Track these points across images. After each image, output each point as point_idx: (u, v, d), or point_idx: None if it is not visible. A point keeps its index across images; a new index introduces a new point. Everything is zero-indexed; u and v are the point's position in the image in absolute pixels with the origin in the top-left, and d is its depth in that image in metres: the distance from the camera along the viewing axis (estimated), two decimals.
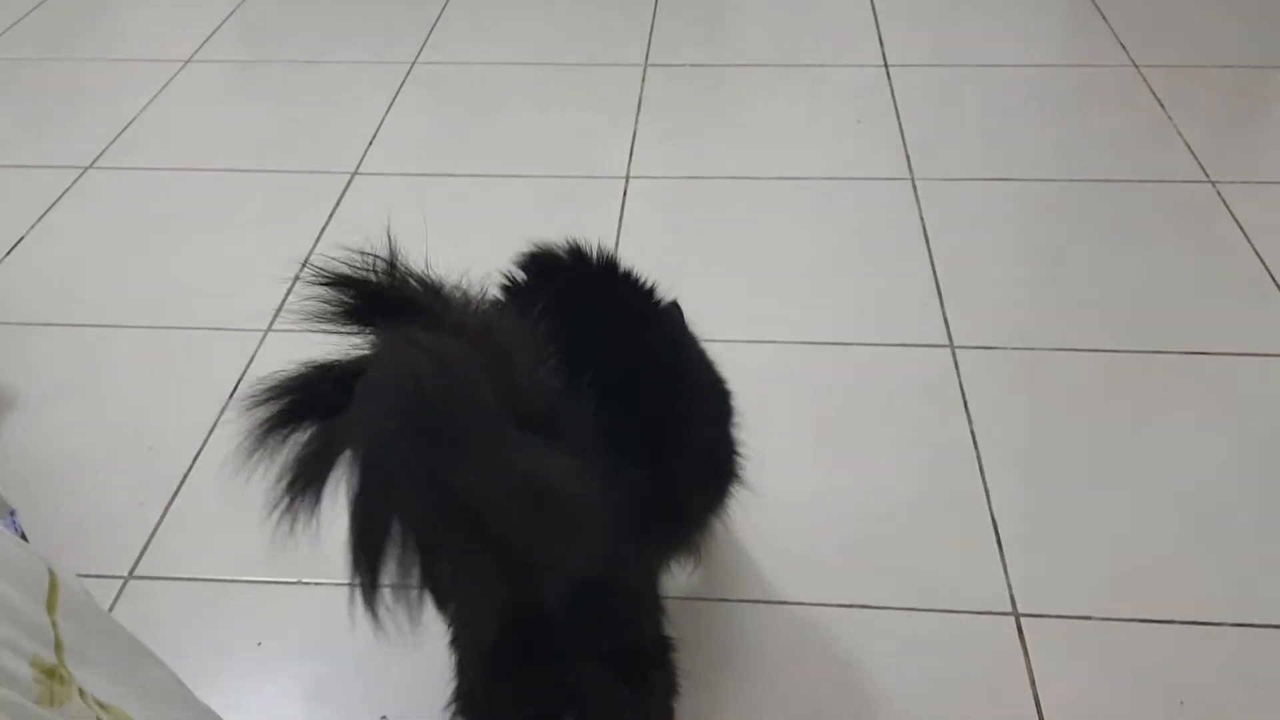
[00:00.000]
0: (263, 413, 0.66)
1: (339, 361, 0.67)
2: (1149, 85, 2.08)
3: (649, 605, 0.90)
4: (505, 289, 0.99)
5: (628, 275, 1.02)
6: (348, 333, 0.71)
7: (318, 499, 0.67)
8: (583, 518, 0.67)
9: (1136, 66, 2.15)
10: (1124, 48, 2.21)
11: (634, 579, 0.88)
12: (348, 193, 1.86)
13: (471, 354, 0.66)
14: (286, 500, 0.67)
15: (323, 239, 1.74)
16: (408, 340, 0.65)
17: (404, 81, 2.20)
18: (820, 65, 2.20)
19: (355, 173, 1.91)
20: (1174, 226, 1.72)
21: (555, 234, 1.75)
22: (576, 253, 1.01)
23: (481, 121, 2.05)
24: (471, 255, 1.61)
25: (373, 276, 0.73)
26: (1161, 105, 2.02)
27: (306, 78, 2.22)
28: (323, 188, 1.86)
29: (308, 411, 0.67)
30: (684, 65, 2.22)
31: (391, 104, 2.12)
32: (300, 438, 0.66)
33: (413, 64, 2.26)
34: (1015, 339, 1.51)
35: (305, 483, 0.67)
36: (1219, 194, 1.78)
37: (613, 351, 0.91)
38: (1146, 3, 2.39)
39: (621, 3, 2.48)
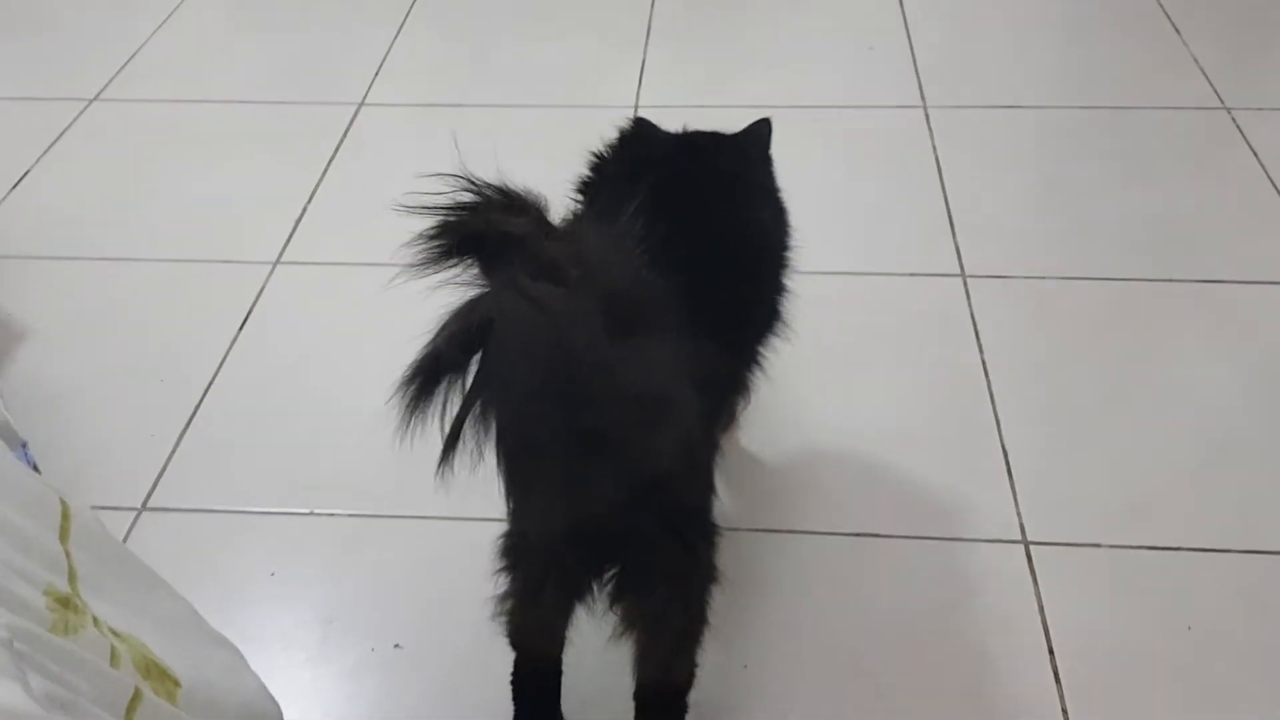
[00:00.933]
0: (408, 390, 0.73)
1: (463, 322, 0.72)
2: (1164, 9, 2.04)
3: (705, 476, 0.93)
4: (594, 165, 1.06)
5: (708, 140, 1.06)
6: (449, 268, 0.75)
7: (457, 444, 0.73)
8: (680, 415, 0.74)
9: None
10: None
11: (699, 447, 0.89)
12: (354, 124, 1.84)
13: (574, 299, 0.70)
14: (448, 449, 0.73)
15: (330, 170, 1.73)
16: (519, 292, 0.69)
17: (410, 10, 2.16)
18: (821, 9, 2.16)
19: (362, 103, 1.89)
20: (1189, 154, 1.70)
21: (566, 163, 1.74)
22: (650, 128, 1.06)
23: (489, 50, 2.03)
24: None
25: (467, 213, 0.76)
26: (1177, 30, 1.98)
27: (311, 8, 2.19)
28: (330, 119, 1.84)
29: (446, 369, 0.73)
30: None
31: (397, 34, 2.09)
32: (442, 398, 0.72)
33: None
34: (1026, 268, 1.50)
35: (451, 443, 0.73)
36: (1234, 120, 1.75)
37: (692, 229, 0.94)
38: None
39: None
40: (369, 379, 1.36)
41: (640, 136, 1.09)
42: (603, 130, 1.10)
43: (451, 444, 0.72)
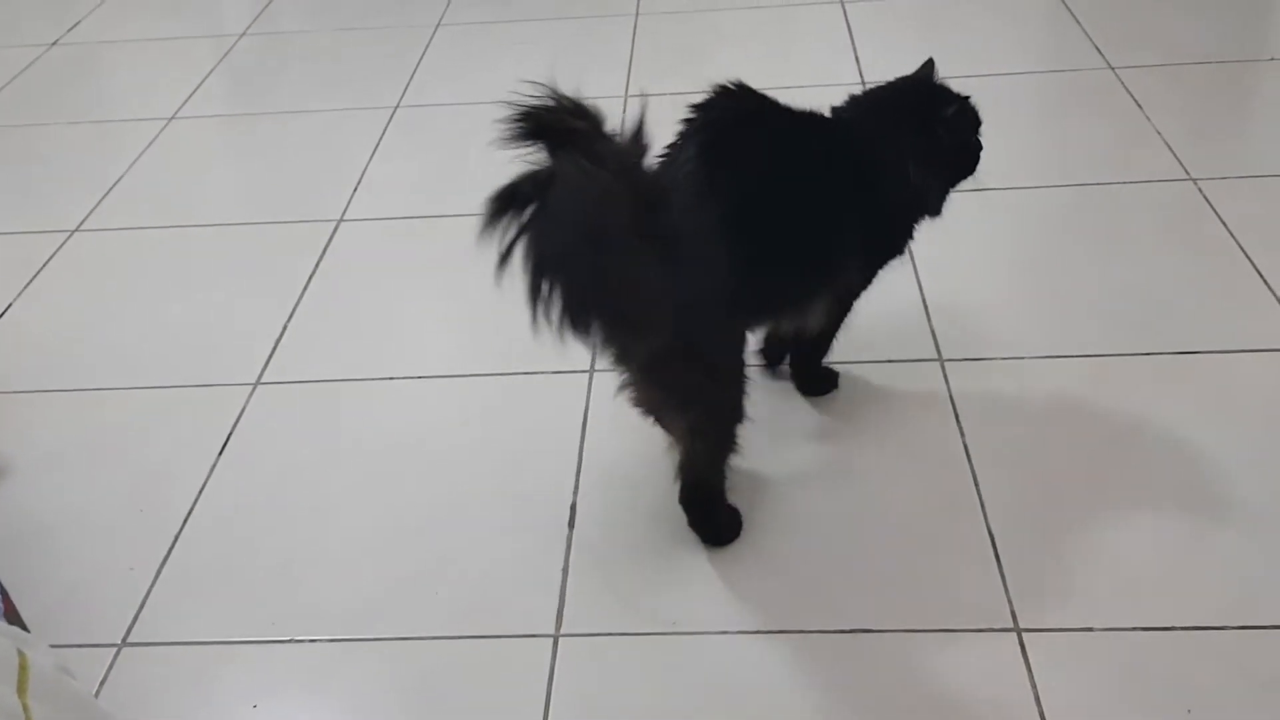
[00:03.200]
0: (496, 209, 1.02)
1: (534, 175, 1.00)
2: (1126, 87, 2.08)
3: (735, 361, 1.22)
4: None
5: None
6: (531, 149, 1.02)
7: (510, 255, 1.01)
8: (656, 305, 1.03)
9: (1113, 69, 2.14)
10: (1100, 51, 2.21)
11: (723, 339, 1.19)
12: (333, 240, 1.86)
13: (618, 185, 0.99)
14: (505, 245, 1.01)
15: (310, 288, 1.74)
16: (580, 169, 0.97)
17: (387, 126, 2.20)
18: (800, 87, 2.19)
19: (341, 220, 1.91)
20: (1159, 226, 1.71)
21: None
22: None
23: (464, 162, 2.06)
24: (459, 293, 1.61)
25: (545, 111, 1.02)
26: (1139, 106, 2.01)
27: (289, 128, 2.23)
28: (309, 237, 1.86)
29: (516, 200, 1.01)
30: (664, 94, 2.22)
31: (375, 149, 2.12)
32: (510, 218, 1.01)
33: (395, 108, 2.27)
34: (1004, 349, 1.50)
35: (507, 249, 1.01)
36: (1201, 191, 1.77)
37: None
38: (1118, 6, 2.40)
39: (601, 35, 2.49)
40: (348, 499, 1.36)
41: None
42: None
43: (504, 257, 1.01)
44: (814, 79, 2.20)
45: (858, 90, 1.34)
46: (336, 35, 2.64)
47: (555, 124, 1.02)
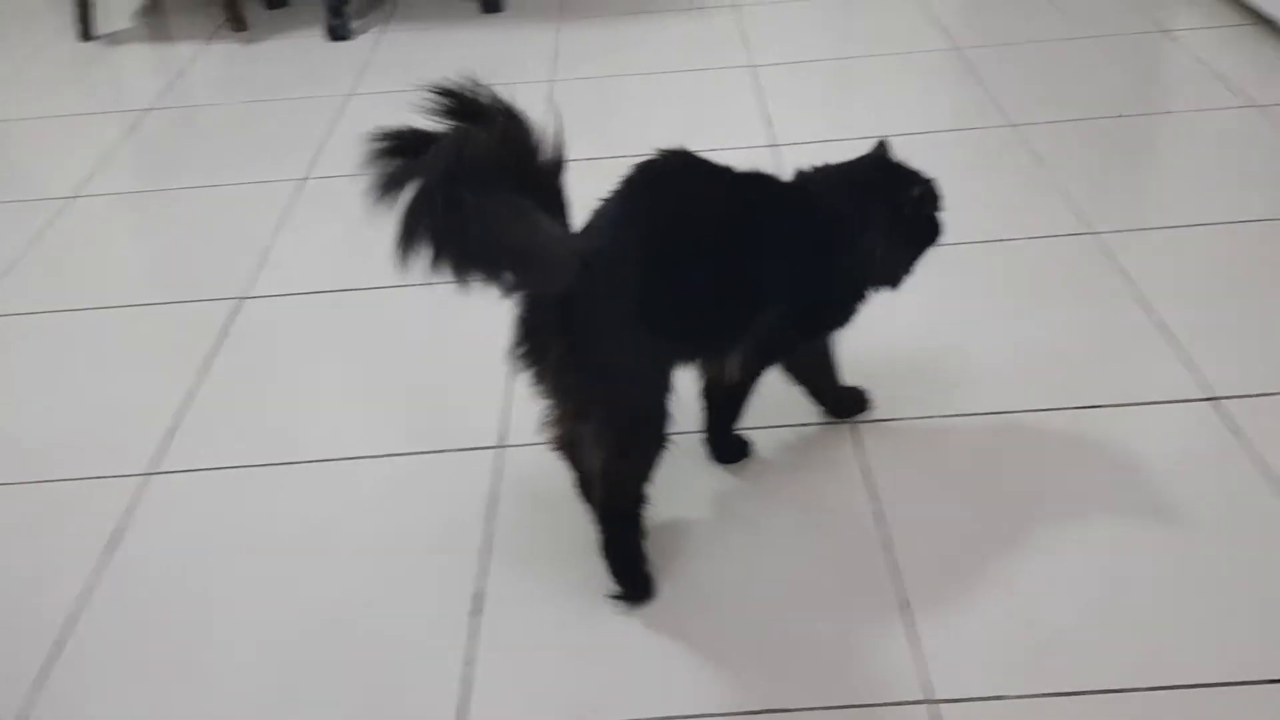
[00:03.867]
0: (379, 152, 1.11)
1: (428, 131, 1.10)
2: (1028, 144, 2.12)
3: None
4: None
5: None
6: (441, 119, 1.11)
7: (394, 201, 1.09)
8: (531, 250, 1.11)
9: (1014, 126, 2.19)
10: (1001, 109, 2.26)
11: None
12: (237, 318, 1.82)
13: (498, 146, 1.09)
14: (379, 191, 1.11)
15: (210, 369, 1.69)
16: (466, 131, 1.09)
17: (296, 198, 2.17)
18: (708, 150, 2.20)
19: (245, 297, 1.87)
20: (1063, 281, 1.74)
21: (454, 343, 1.73)
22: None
23: (374, 233, 2.02)
24: (366, 368, 1.57)
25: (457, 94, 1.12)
26: (1040, 161, 2.05)
27: (195, 204, 2.19)
28: (211, 316, 1.82)
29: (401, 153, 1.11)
30: (579, 160, 2.21)
31: (283, 222, 2.09)
32: (392, 167, 1.10)
33: (305, 180, 2.24)
34: (913, 408, 1.50)
35: (388, 188, 1.10)
36: (1102, 244, 1.80)
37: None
38: (1018, 66, 2.46)
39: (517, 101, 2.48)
40: (247, 597, 1.31)
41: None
42: (483, 302, 1.11)
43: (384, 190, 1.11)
44: (727, 141, 2.22)
45: (807, 164, 1.36)
46: (248, 108, 2.62)
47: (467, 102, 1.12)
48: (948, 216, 1.39)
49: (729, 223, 1.23)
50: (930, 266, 1.78)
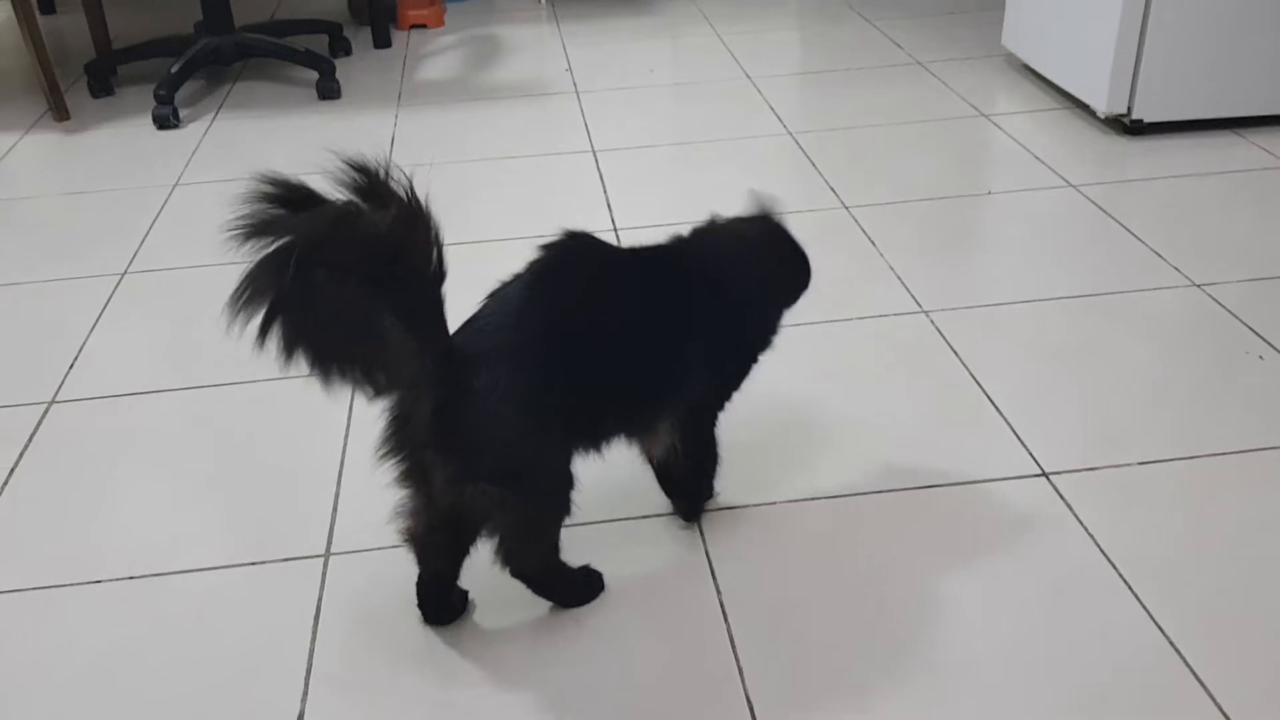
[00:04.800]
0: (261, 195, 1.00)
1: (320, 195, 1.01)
2: (860, 225, 2.16)
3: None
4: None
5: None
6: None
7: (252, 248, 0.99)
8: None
9: (847, 209, 2.23)
10: (834, 192, 2.31)
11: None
12: (43, 425, 1.70)
13: (384, 236, 1.02)
14: (242, 233, 0.99)
15: (9, 485, 1.57)
16: (357, 209, 1.02)
17: (113, 294, 2.06)
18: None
19: (52, 401, 1.76)
20: (896, 360, 1.76)
21: (277, 446, 1.65)
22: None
23: (198, 329, 1.94)
24: (183, 474, 1.47)
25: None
26: (872, 242, 2.09)
27: (2, 302, 2.06)
28: (13, 425, 1.70)
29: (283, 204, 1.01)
30: None
31: (97, 321, 1.98)
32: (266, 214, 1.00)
33: (123, 274, 2.14)
34: (755, 494, 1.48)
35: (252, 234, 0.99)
36: (933, 323, 1.84)
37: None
38: (847, 150, 2.52)
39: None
40: None
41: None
42: (317, 401, 1.07)
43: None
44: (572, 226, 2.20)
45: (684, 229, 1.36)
46: (67, 199, 2.49)
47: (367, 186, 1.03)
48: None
49: (644, 306, 1.22)
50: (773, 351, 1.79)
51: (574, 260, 1.23)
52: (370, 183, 1.03)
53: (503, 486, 1.15)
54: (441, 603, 1.30)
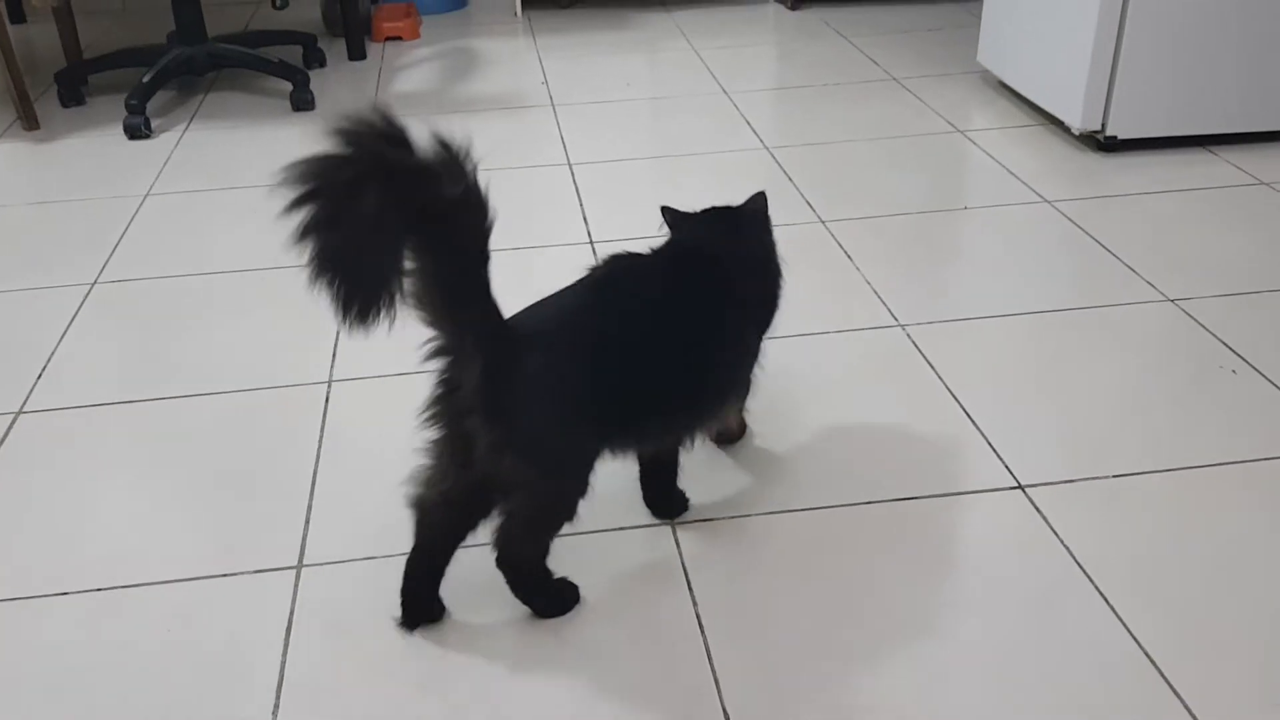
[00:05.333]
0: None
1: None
2: (836, 240, 2.17)
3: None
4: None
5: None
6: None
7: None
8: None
9: (824, 223, 2.24)
10: (811, 206, 2.31)
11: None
12: (8, 437, 1.67)
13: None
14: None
15: None
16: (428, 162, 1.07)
17: (82, 304, 2.04)
18: (534, 247, 2.18)
19: (19, 412, 1.73)
20: (873, 374, 1.76)
21: (254, 459, 1.63)
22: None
23: (170, 339, 1.92)
24: (152, 485, 1.45)
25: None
26: (849, 257, 2.10)
27: None
28: None
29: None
30: None
31: (66, 330, 1.95)
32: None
33: (93, 284, 2.11)
34: (731, 507, 1.48)
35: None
36: (909, 337, 1.84)
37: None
38: (824, 164, 2.53)
39: None
40: None
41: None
42: (290, 413, 1.04)
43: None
44: (548, 239, 2.20)
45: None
46: (37, 209, 2.47)
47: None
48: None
49: (682, 314, 1.29)
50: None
51: (629, 274, 1.31)
52: (449, 157, 1.08)
53: (535, 466, 1.19)
54: (424, 605, 1.30)
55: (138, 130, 2.81)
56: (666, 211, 1.44)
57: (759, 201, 1.46)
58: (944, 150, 2.61)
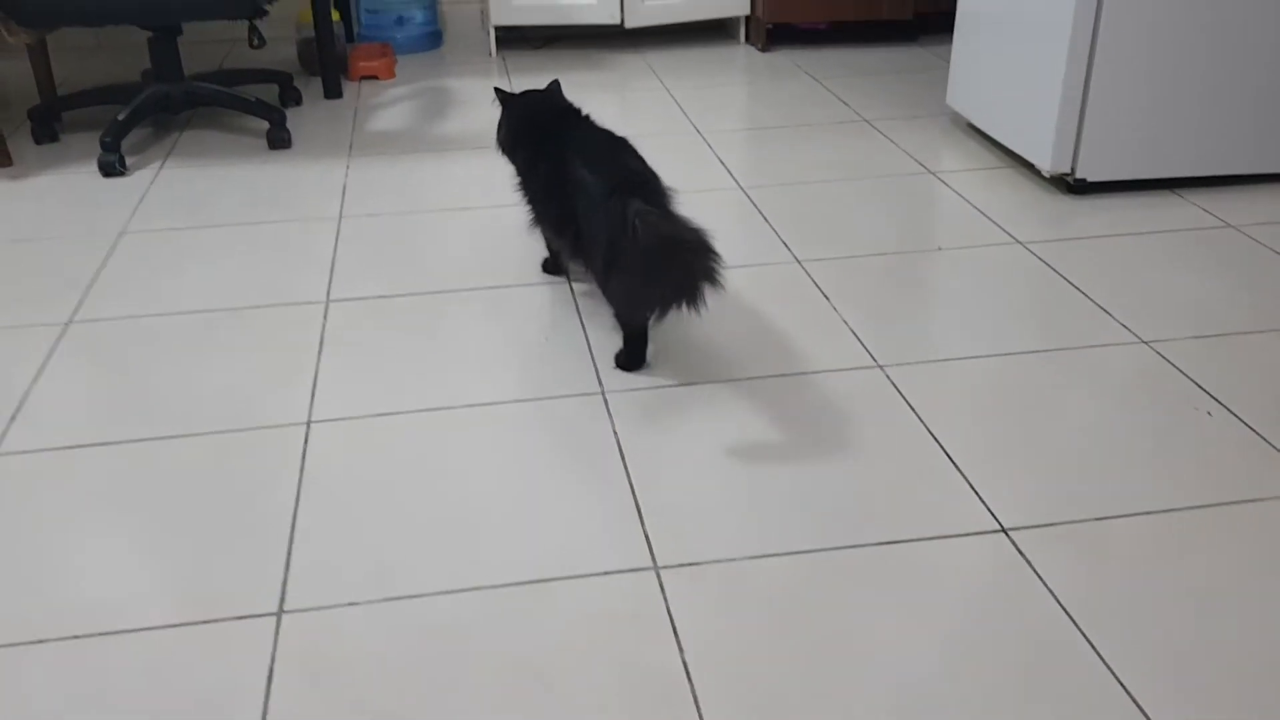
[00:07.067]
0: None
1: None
2: (813, 279, 2.18)
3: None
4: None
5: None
6: None
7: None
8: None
9: (800, 263, 2.25)
10: (786, 246, 2.33)
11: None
12: None
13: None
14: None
15: None
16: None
17: (57, 344, 2.02)
18: (506, 286, 2.19)
19: None
20: (853, 415, 1.76)
21: (232, 502, 1.61)
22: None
23: (145, 379, 1.90)
24: (128, 529, 1.43)
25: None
26: (826, 297, 2.11)
27: None
28: None
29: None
30: (368, 298, 2.15)
31: (40, 371, 1.93)
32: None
33: (68, 324, 2.09)
34: (716, 551, 1.48)
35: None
36: (888, 378, 1.85)
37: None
38: (800, 208, 2.55)
39: (301, 239, 2.41)
40: None
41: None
42: (269, 455, 1.01)
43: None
44: (522, 279, 2.20)
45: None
46: (9, 247, 2.44)
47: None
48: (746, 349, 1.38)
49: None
50: (727, 405, 1.79)
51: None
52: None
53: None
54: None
55: (112, 167, 2.80)
56: (498, 91, 2.17)
57: (555, 84, 2.18)
58: (916, 191, 2.64)
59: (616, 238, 1.73)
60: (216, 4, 2.82)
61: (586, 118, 2.09)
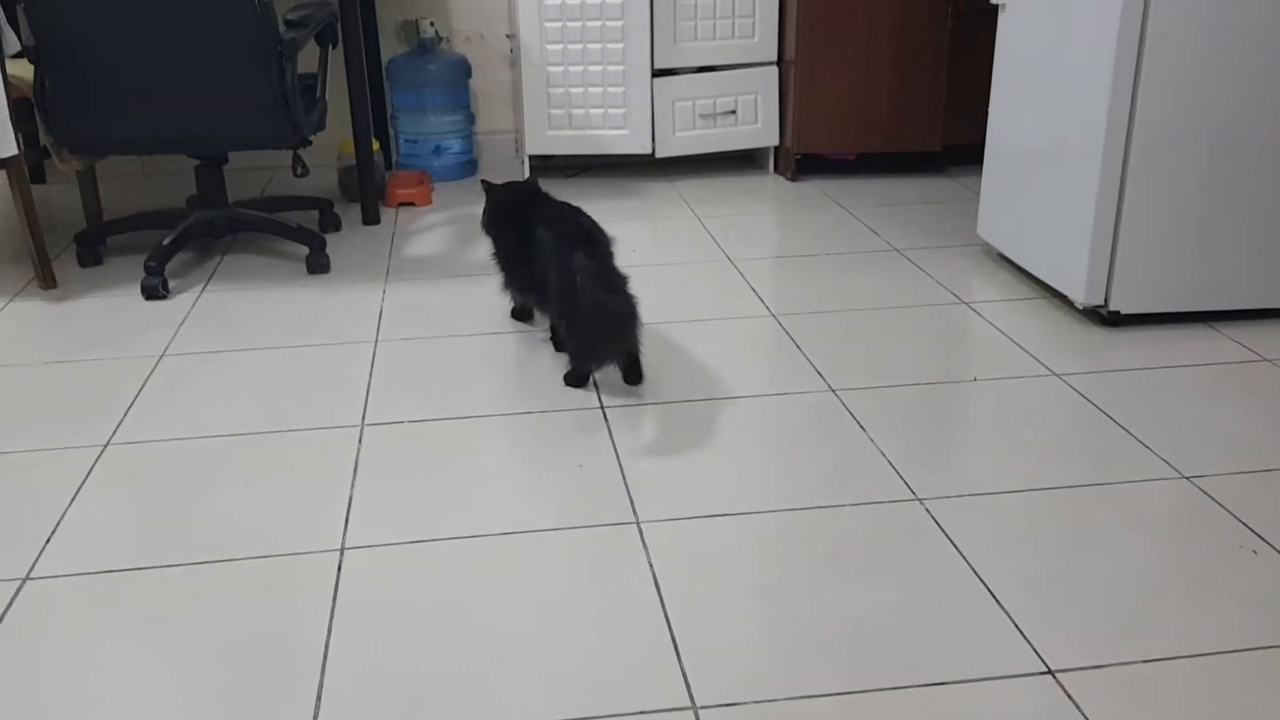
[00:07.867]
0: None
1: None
2: (849, 409, 2.18)
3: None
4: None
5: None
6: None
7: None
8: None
9: (834, 391, 2.25)
10: (821, 375, 2.33)
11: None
12: (14, 604, 1.64)
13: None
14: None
15: None
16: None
17: (94, 466, 2.03)
18: (540, 412, 2.19)
19: (26, 578, 1.70)
20: (893, 550, 1.74)
21: (267, 628, 1.60)
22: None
23: (181, 503, 1.90)
24: (168, 651, 1.37)
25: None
26: (862, 428, 2.11)
27: None
28: None
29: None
30: (402, 422, 2.16)
31: (77, 494, 1.94)
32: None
33: (105, 445, 2.10)
34: (755, 691, 1.44)
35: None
36: (928, 511, 1.83)
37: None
38: (833, 337, 2.57)
39: (335, 369, 2.43)
40: None
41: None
42: (302, 581, 1.00)
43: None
44: (555, 404, 2.20)
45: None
46: (51, 368, 2.48)
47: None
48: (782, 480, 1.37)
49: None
50: (763, 533, 1.77)
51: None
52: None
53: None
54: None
55: (155, 291, 2.85)
56: (484, 183, 2.57)
57: (533, 179, 2.60)
58: (950, 321, 2.65)
59: (566, 286, 2.20)
60: (264, 135, 2.91)
61: (548, 196, 2.51)
